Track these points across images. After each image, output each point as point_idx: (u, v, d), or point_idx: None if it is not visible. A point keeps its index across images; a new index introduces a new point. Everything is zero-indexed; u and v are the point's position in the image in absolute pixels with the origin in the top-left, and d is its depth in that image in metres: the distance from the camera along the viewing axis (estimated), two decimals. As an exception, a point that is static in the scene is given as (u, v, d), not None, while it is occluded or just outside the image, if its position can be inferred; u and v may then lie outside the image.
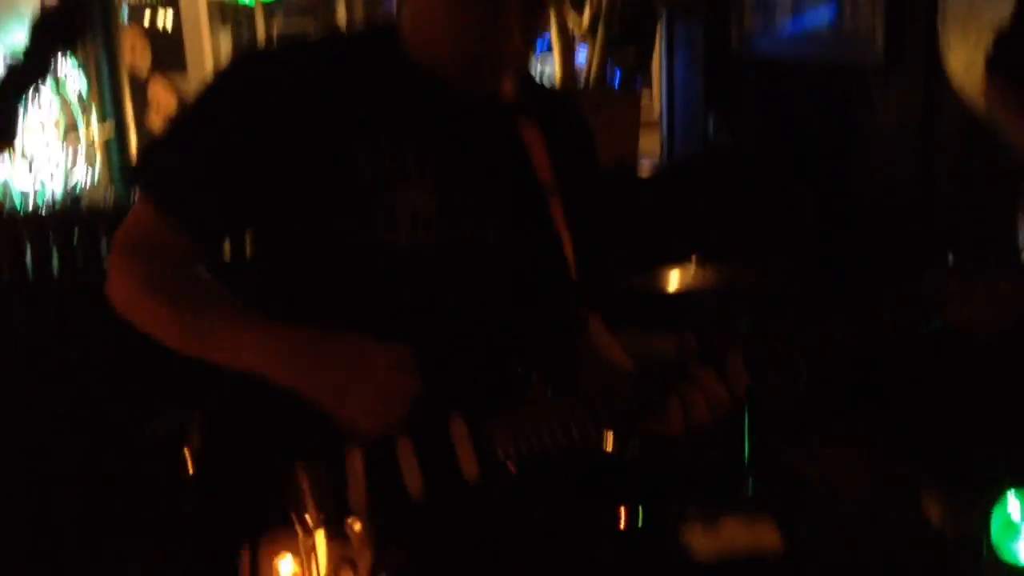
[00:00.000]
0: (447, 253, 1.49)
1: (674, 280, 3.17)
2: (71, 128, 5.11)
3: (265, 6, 8.62)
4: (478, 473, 1.41)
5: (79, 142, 5.14)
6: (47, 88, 3.60)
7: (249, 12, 8.09)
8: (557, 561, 1.65)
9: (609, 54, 4.29)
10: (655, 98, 5.35)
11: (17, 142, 4.24)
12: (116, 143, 5.32)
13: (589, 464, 2.63)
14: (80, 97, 5.15)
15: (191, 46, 7.92)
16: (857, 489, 3.24)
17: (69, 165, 5.07)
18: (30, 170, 4.90)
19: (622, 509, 2.46)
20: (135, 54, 5.66)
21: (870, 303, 1.42)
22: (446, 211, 1.49)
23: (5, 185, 4.86)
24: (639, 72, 4.49)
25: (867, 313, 1.42)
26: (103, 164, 5.25)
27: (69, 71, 3.74)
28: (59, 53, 1.23)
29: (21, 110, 1.16)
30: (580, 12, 4.34)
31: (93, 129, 5.19)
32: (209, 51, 8.04)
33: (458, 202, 1.50)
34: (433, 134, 1.51)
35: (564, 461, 1.49)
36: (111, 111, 5.31)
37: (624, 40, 4.24)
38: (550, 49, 4.48)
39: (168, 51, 8.19)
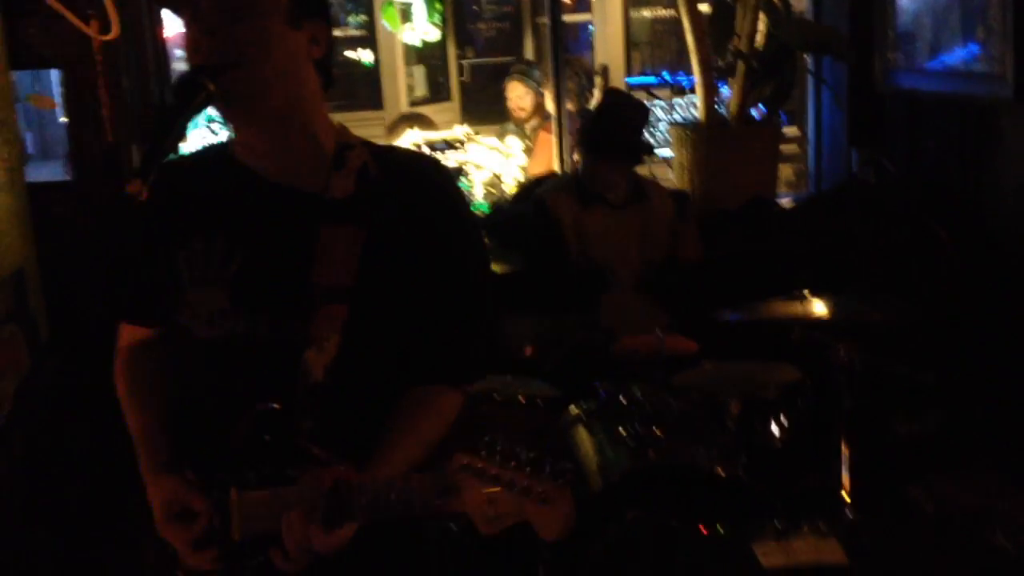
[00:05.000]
0: (238, 345, 1.63)
1: (792, 311, 3.23)
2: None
3: (457, 42, 9.11)
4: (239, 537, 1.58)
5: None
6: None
7: (442, 50, 8.52)
8: None
9: (750, 90, 4.41)
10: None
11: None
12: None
13: (691, 482, 2.82)
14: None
15: (387, 83, 8.44)
16: (971, 525, 3.25)
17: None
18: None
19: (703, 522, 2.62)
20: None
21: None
22: (240, 306, 1.63)
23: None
24: (780, 106, 4.58)
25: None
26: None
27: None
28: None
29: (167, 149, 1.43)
30: (722, 51, 4.49)
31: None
32: (404, 88, 8.53)
33: (250, 298, 1.63)
34: (244, 230, 1.64)
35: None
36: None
37: (764, 77, 4.35)
38: (694, 85, 4.66)
39: (366, 88, 8.75)
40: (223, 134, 4.12)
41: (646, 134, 4.04)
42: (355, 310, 1.61)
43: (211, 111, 1.73)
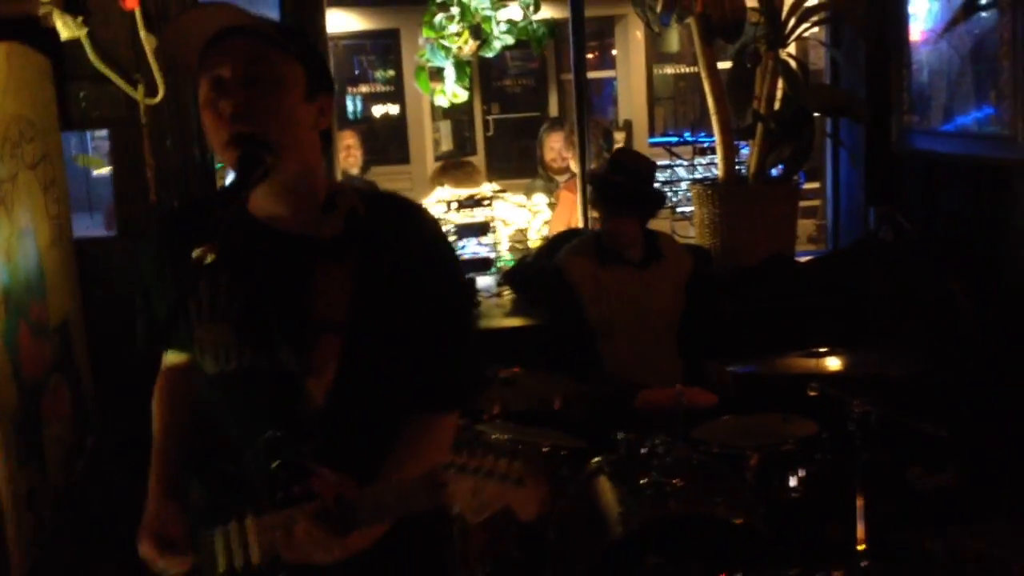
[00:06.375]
0: (244, 377, 1.78)
1: (810, 366, 3.32)
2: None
3: (483, 98, 9.29)
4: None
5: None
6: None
7: (468, 105, 8.70)
8: None
9: (768, 150, 4.54)
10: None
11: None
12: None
13: (711, 531, 2.91)
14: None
15: (415, 138, 8.63)
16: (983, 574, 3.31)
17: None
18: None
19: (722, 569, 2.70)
20: (349, 156, 6.24)
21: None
22: (245, 341, 1.77)
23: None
24: (799, 167, 4.70)
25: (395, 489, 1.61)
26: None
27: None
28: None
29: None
30: (741, 113, 4.63)
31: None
32: (431, 142, 8.72)
33: (254, 333, 1.77)
34: (245, 271, 1.77)
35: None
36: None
37: (782, 138, 4.48)
38: (714, 145, 4.80)
39: (394, 143, 8.94)
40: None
41: (664, 190, 4.16)
42: (349, 339, 1.76)
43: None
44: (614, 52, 9.42)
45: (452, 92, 5.28)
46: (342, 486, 1.65)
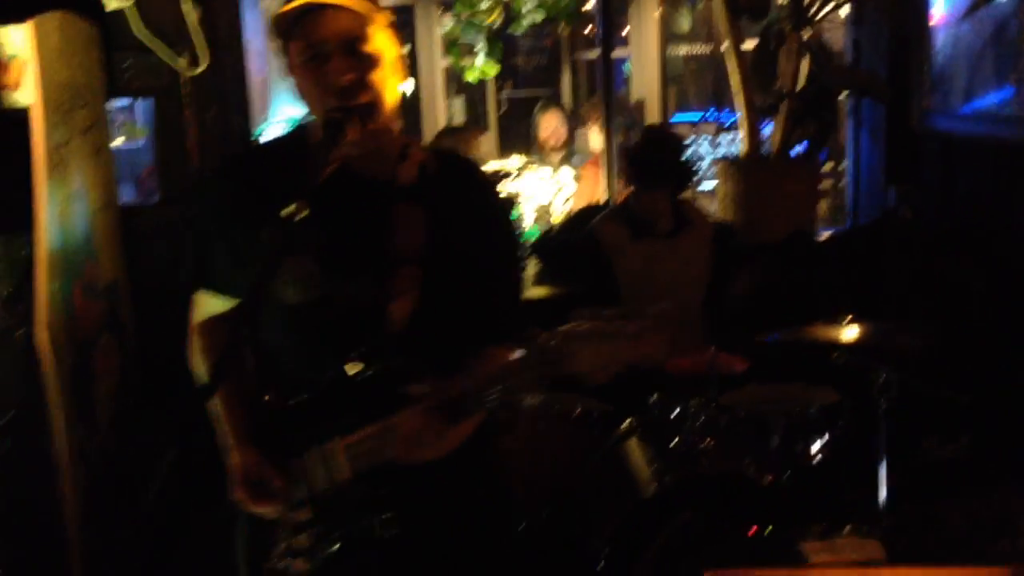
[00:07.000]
0: (327, 305, 1.89)
1: (833, 336, 3.42)
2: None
3: (497, 76, 9.31)
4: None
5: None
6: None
7: (481, 82, 8.77)
8: None
9: (792, 128, 4.64)
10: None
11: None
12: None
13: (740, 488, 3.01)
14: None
15: (428, 113, 8.68)
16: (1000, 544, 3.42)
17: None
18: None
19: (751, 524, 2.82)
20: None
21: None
22: (328, 271, 1.89)
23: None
24: (822, 145, 4.80)
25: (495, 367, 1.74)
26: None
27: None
28: None
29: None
30: (765, 91, 4.72)
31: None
32: (444, 118, 8.77)
33: (337, 264, 1.90)
34: (327, 207, 1.80)
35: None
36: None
37: (806, 116, 4.58)
38: (736, 122, 4.89)
39: (407, 118, 8.98)
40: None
41: (688, 164, 4.27)
42: (428, 270, 1.92)
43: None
44: (626, 32, 9.44)
45: (483, 67, 5.37)
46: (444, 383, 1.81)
